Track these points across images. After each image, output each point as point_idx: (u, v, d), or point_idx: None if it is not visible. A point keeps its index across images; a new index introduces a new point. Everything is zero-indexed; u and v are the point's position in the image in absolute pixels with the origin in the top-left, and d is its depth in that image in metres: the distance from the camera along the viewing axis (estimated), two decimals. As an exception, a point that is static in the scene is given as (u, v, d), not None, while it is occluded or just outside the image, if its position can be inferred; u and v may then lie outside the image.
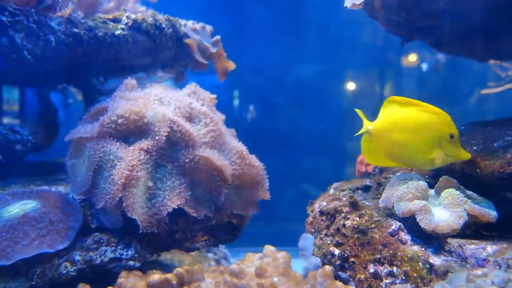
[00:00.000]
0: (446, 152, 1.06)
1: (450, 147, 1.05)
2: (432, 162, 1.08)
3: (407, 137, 1.11)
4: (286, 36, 3.64)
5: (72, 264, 1.23)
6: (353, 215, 1.19)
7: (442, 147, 1.06)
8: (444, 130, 1.05)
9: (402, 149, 1.13)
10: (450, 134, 1.04)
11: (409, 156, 1.13)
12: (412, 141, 1.10)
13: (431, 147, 1.08)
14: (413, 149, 1.11)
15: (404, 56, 3.55)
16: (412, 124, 1.10)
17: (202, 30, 1.83)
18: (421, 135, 1.08)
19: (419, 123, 1.09)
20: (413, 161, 1.14)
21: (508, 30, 1.31)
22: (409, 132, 1.10)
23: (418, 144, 1.09)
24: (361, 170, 1.73)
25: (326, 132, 3.54)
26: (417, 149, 1.10)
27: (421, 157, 1.10)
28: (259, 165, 1.50)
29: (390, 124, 1.14)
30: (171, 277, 1.10)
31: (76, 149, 1.35)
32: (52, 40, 1.34)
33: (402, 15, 1.36)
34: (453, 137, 1.04)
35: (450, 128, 1.05)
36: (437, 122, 1.06)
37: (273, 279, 1.12)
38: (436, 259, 0.98)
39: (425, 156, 1.09)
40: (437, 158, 1.07)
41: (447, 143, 1.05)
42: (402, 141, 1.12)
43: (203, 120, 1.42)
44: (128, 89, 1.44)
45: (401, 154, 1.14)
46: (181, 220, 1.40)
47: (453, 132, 1.04)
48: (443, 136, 1.05)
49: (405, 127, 1.11)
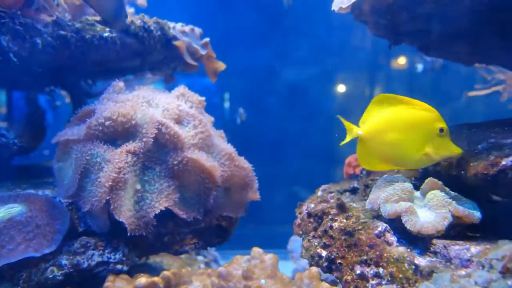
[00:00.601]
0: (437, 148, 1.06)
1: (441, 143, 1.05)
2: (424, 159, 1.08)
3: (398, 136, 1.11)
4: (276, 39, 3.65)
5: (59, 268, 1.22)
6: (340, 217, 1.20)
7: (433, 143, 1.06)
8: (433, 125, 1.05)
9: (394, 149, 1.13)
10: (439, 128, 1.04)
11: (402, 155, 1.13)
12: (403, 140, 1.10)
13: (422, 144, 1.07)
14: (404, 148, 1.11)
15: (393, 59, 3.58)
16: (401, 123, 1.10)
17: (191, 32, 1.83)
18: (411, 133, 1.09)
19: (408, 121, 1.09)
20: (406, 161, 1.13)
21: (491, 34, 1.33)
22: (399, 132, 1.11)
23: (409, 142, 1.09)
24: (349, 172, 1.74)
25: (315, 134, 3.56)
26: (409, 148, 1.10)
27: (413, 155, 1.10)
28: (248, 167, 1.50)
29: (379, 126, 1.14)
30: (158, 281, 1.10)
31: (63, 152, 1.34)
32: (39, 43, 1.33)
33: (389, 18, 1.38)
34: (442, 131, 1.04)
35: (439, 123, 1.05)
36: (425, 118, 1.06)
37: (260, 282, 1.12)
38: (422, 260, 0.99)
39: (417, 154, 1.09)
40: (428, 155, 1.07)
41: (438, 138, 1.05)
42: (393, 141, 1.12)
43: (191, 122, 1.42)
44: (116, 91, 1.43)
45: (393, 155, 1.14)
46: (169, 223, 1.39)
47: (443, 126, 1.04)
48: (432, 132, 1.05)
49: (394, 127, 1.11)
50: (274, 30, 3.64)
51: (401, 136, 1.11)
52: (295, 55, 3.73)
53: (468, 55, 1.62)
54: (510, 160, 0.97)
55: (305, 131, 3.66)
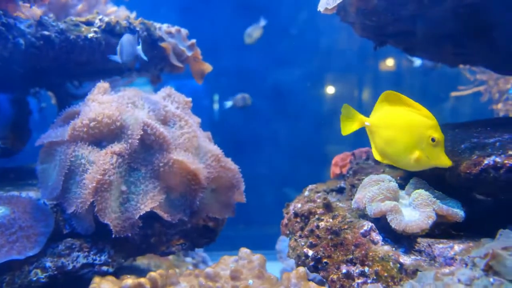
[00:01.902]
0: (428, 155, 1.07)
1: (432, 151, 1.06)
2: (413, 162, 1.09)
3: (394, 135, 1.12)
4: (264, 40, 3.66)
5: (43, 271, 1.21)
6: (326, 217, 1.20)
7: (424, 149, 1.07)
8: (427, 132, 1.06)
9: (389, 146, 1.15)
10: (432, 137, 1.05)
11: (394, 153, 1.14)
12: (398, 139, 1.12)
13: (413, 148, 1.08)
14: (397, 147, 1.12)
15: (381, 60, 3.62)
16: (399, 123, 1.12)
17: (178, 33, 1.82)
18: (406, 135, 1.10)
19: (405, 123, 1.10)
20: (397, 160, 1.14)
21: (473, 36, 1.35)
22: (396, 131, 1.12)
23: (402, 143, 1.10)
24: (335, 172, 1.75)
25: (303, 135, 3.57)
26: (400, 148, 1.11)
27: (403, 156, 1.11)
28: (235, 168, 1.50)
29: (382, 121, 1.17)
30: (145, 282, 1.09)
31: (47, 154, 1.32)
32: (22, 43, 1.32)
33: (374, 20, 1.39)
34: (434, 140, 1.05)
35: (434, 132, 1.06)
36: (422, 124, 1.07)
37: (248, 282, 1.12)
38: (406, 259, 1.00)
39: (407, 156, 1.10)
40: (418, 160, 1.08)
41: (429, 146, 1.06)
42: (390, 138, 1.14)
43: (178, 123, 1.41)
44: (101, 92, 1.42)
45: (388, 151, 1.16)
46: (156, 224, 1.39)
47: (436, 136, 1.05)
48: (425, 139, 1.06)
49: (393, 125, 1.13)
50: (264, 32, 3.65)
51: (396, 135, 1.12)
52: (283, 57, 3.75)
53: (452, 56, 1.65)
54: (492, 160, 0.99)
55: (293, 132, 3.68)
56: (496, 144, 1.03)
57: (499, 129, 1.13)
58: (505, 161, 0.96)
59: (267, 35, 3.60)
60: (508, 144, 1.01)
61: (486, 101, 2.75)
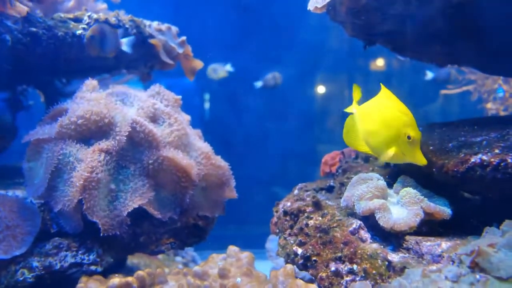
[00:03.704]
0: (403, 151, 1.08)
1: (407, 148, 1.07)
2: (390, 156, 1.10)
3: (374, 127, 1.15)
4: (256, 40, 3.66)
5: (30, 271, 1.19)
6: (316, 215, 1.21)
7: (400, 146, 1.08)
8: (403, 129, 1.07)
9: (370, 137, 1.17)
10: (407, 135, 1.07)
11: (375, 145, 1.16)
12: (377, 132, 1.13)
13: (390, 143, 1.10)
14: (377, 140, 1.14)
15: (372, 60, 3.64)
16: (379, 117, 1.14)
17: (168, 31, 1.81)
18: (384, 129, 1.12)
19: (385, 117, 1.12)
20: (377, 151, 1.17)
21: (461, 36, 1.36)
22: (376, 124, 1.14)
23: (381, 136, 1.12)
24: (325, 171, 1.75)
25: (294, 134, 3.58)
26: (380, 141, 1.13)
27: (382, 149, 1.13)
28: (225, 166, 1.50)
29: (365, 112, 1.19)
30: (132, 281, 1.08)
31: (34, 151, 1.31)
32: (8, 40, 1.30)
33: (363, 19, 1.39)
34: (409, 138, 1.07)
35: (410, 129, 1.07)
36: (399, 121, 1.08)
37: (236, 280, 1.12)
38: (394, 256, 1.00)
39: (384, 149, 1.12)
40: (393, 155, 1.09)
41: (405, 143, 1.07)
42: (370, 130, 1.16)
43: (167, 121, 1.40)
44: (89, 89, 1.40)
45: (369, 142, 1.18)
46: (145, 223, 1.38)
47: (411, 134, 1.06)
48: (401, 136, 1.08)
49: (373, 119, 1.15)
50: (253, 30, 3.65)
51: (375, 129, 1.14)
52: (273, 56, 3.75)
53: (441, 56, 1.66)
54: (479, 158, 1.00)
55: (283, 131, 3.68)
56: (482, 143, 1.04)
57: (486, 128, 1.14)
58: (491, 159, 0.97)
59: (259, 34, 3.61)
60: (494, 143, 1.02)
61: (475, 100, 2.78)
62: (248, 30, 3.66)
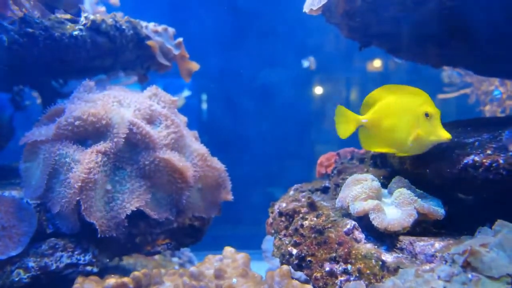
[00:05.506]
0: (426, 132, 1.04)
1: (428, 126, 1.03)
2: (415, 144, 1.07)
3: (393, 122, 1.12)
4: (252, 41, 3.67)
5: (26, 271, 1.20)
6: (310, 216, 1.21)
7: (422, 127, 1.04)
8: (419, 109, 1.04)
9: (390, 134, 1.14)
10: (425, 113, 1.03)
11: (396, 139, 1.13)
12: (396, 125, 1.11)
13: (412, 128, 1.06)
14: (398, 132, 1.11)
15: (369, 61, 3.65)
16: (394, 109, 1.12)
17: (164, 32, 1.82)
18: (403, 118, 1.09)
19: (399, 107, 1.10)
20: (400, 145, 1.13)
21: (456, 38, 1.38)
22: (394, 117, 1.12)
23: (401, 127, 1.09)
24: (321, 172, 1.76)
25: (290, 135, 3.58)
26: (401, 132, 1.10)
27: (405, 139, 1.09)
28: (221, 167, 1.50)
29: (377, 114, 1.17)
30: (128, 281, 1.08)
31: (31, 152, 1.31)
32: (5, 40, 1.30)
33: (358, 20, 1.41)
34: (428, 115, 1.03)
35: (426, 106, 1.03)
36: (412, 102, 1.06)
37: (232, 280, 1.12)
38: (388, 256, 1.01)
39: (408, 138, 1.08)
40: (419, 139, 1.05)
41: (425, 122, 1.04)
42: (389, 126, 1.13)
43: (163, 122, 1.41)
44: (87, 90, 1.41)
45: (390, 139, 1.15)
46: (141, 223, 1.38)
47: (428, 110, 1.02)
48: (419, 116, 1.04)
49: (389, 113, 1.13)
50: (250, 32, 3.66)
51: (394, 121, 1.12)
52: (270, 57, 3.76)
53: (436, 57, 1.67)
54: (472, 159, 1.01)
55: (280, 132, 3.69)
56: (475, 144, 1.05)
57: (479, 129, 1.15)
58: (484, 160, 0.99)
59: (255, 35, 3.61)
60: (486, 144, 1.03)
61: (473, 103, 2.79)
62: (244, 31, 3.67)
